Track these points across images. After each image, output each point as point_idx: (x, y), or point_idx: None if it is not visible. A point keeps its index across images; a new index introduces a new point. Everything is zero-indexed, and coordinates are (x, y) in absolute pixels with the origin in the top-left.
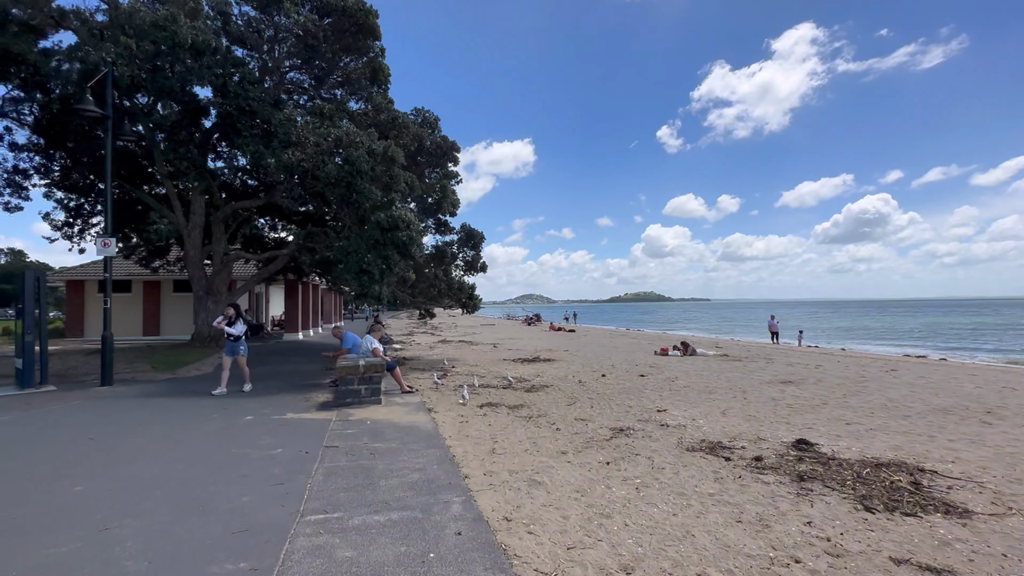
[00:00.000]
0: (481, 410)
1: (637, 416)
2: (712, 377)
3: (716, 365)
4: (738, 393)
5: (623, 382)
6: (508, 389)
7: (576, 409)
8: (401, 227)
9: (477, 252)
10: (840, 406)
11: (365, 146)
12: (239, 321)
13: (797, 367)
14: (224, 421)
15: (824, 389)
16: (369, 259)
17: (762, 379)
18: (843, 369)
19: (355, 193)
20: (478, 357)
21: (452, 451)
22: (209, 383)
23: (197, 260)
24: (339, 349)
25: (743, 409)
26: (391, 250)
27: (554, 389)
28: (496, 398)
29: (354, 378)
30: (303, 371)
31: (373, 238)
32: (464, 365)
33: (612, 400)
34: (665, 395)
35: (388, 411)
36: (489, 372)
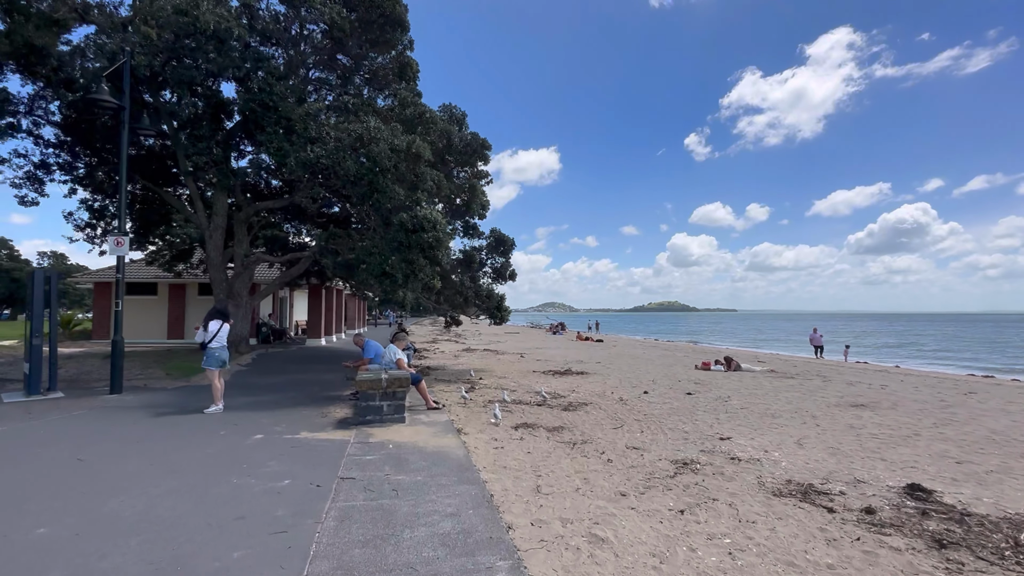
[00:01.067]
0: (516, 432)
1: (698, 445)
2: (769, 397)
3: (768, 383)
4: (807, 418)
5: (669, 401)
6: (543, 407)
7: (625, 434)
8: (427, 228)
9: (507, 259)
10: (937, 438)
11: (387, 141)
12: (216, 324)
13: (860, 387)
14: (230, 440)
15: (905, 415)
16: (392, 262)
17: (827, 401)
18: (913, 391)
19: (377, 192)
20: (506, 368)
21: (489, 487)
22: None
23: (218, 262)
24: (360, 359)
25: (820, 439)
26: (416, 253)
27: (594, 408)
28: (532, 417)
29: (376, 393)
30: (323, 381)
31: (397, 240)
32: (492, 377)
33: (663, 423)
34: (722, 418)
35: (413, 432)
36: (519, 385)
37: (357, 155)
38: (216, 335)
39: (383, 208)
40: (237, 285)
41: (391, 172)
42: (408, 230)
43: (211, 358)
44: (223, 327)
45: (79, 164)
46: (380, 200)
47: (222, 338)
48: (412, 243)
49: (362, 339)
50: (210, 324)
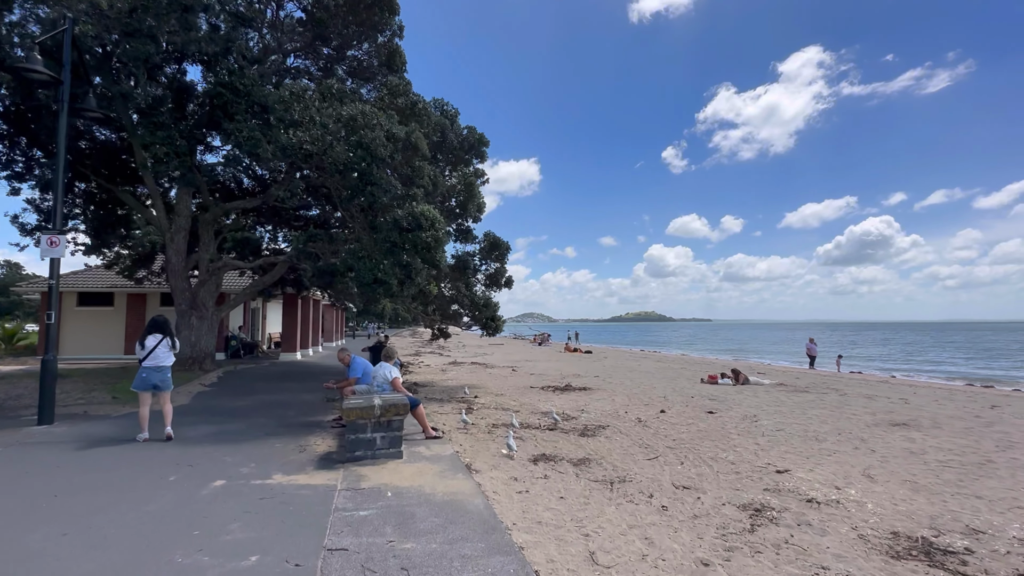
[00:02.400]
0: (537, 467)
1: (754, 480)
2: (797, 415)
3: (785, 398)
4: (855, 441)
5: (692, 421)
6: (556, 431)
7: (663, 467)
8: (424, 227)
9: (502, 264)
10: (1015, 465)
11: (384, 128)
12: (154, 339)
13: (882, 401)
14: (181, 490)
15: (956, 435)
16: (385, 266)
17: (862, 420)
18: (936, 406)
19: (370, 184)
20: (500, 383)
21: (528, 555)
22: (179, 419)
23: (180, 269)
24: (344, 379)
25: (887, 468)
26: (411, 255)
27: (614, 432)
28: (549, 446)
29: (367, 423)
30: (300, 403)
31: (390, 240)
32: (487, 394)
33: (700, 451)
34: (762, 443)
35: (415, 471)
36: (521, 405)
37: (347, 142)
38: (152, 352)
39: (378, 203)
40: (202, 294)
41: (386, 162)
42: (403, 229)
43: (138, 379)
44: (161, 342)
45: (17, 158)
46: (374, 194)
47: (160, 356)
48: (408, 244)
49: (348, 355)
50: (147, 339)
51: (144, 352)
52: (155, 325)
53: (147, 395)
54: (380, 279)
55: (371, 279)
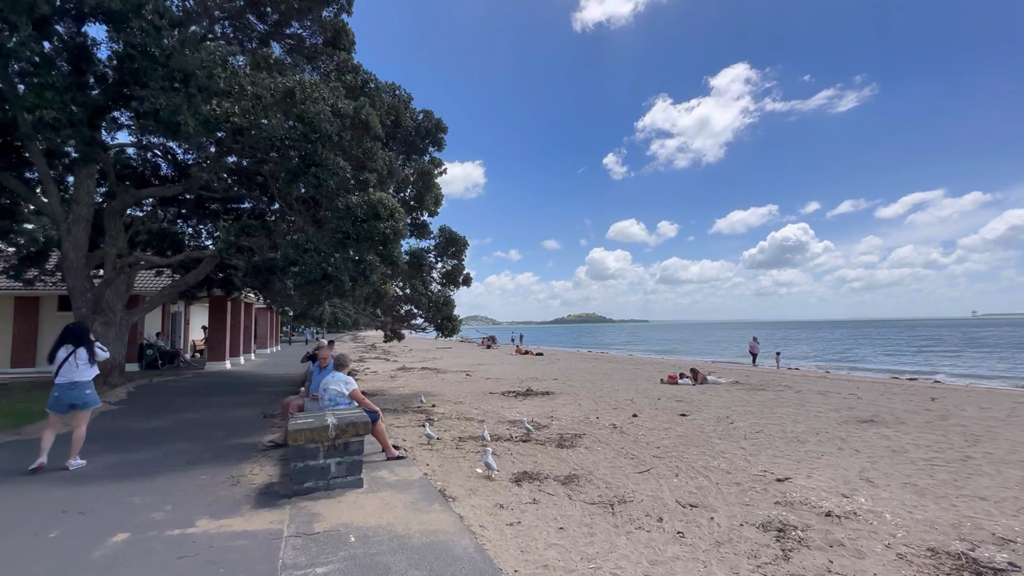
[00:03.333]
0: (522, 489)
1: (759, 492)
2: (766, 415)
3: (748, 397)
4: (836, 441)
5: (670, 426)
6: (530, 442)
7: (658, 481)
8: (383, 216)
9: (459, 261)
10: (991, 461)
11: (328, 102)
12: (64, 351)
13: (837, 397)
14: (65, 550)
15: (921, 430)
16: (336, 260)
17: (831, 418)
18: (887, 400)
19: (314, 165)
20: (456, 390)
21: None
22: (67, 449)
23: (80, 267)
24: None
25: (880, 470)
26: (367, 249)
27: (593, 440)
28: (527, 461)
29: (319, 447)
30: (231, 421)
31: (342, 231)
32: (445, 402)
33: (687, 459)
34: (747, 447)
35: (381, 505)
36: (484, 413)
37: (286, 115)
38: (61, 366)
39: (324, 188)
40: (108, 296)
41: (333, 142)
42: (357, 219)
43: (51, 399)
44: (74, 354)
45: None
46: (319, 177)
47: (72, 370)
48: (363, 235)
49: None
50: (58, 351)
51: (54, 366)
52: (67, 333)
53: (58, 418)
54: (330, 275)
55: (319, 275)
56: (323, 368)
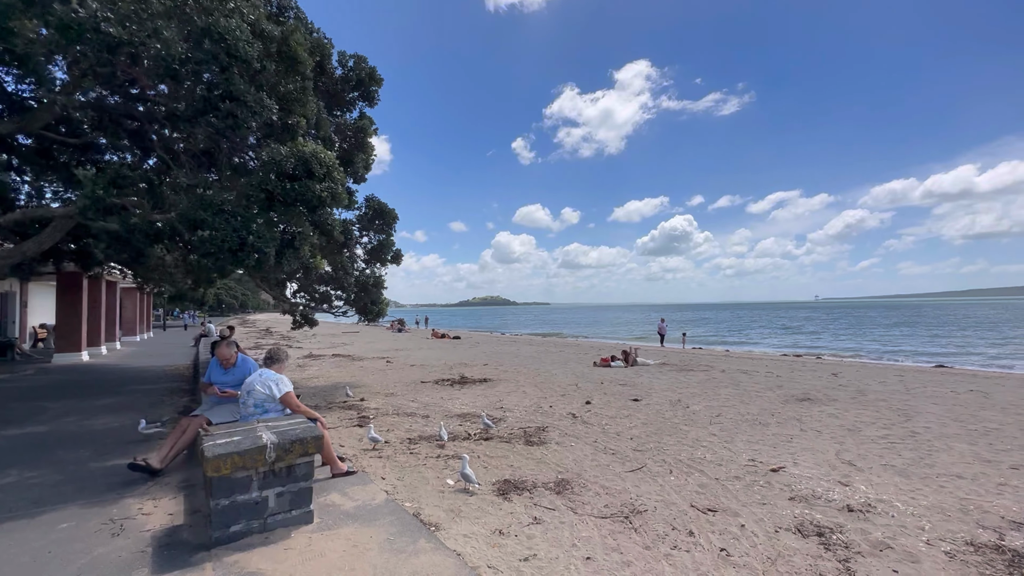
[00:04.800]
0: (513, 504)
1: (763, 486)
2: (713, 397)
3: (684, 378)
4: (792, 423)
5: (629, 413)
6: (494, 441)
7: (655, 480)
8: (318, 174)
9: (388, 236)
10: (940, 436)
11: (248, 20)
12: None
13: (759, 376)
14: None
15: (855, 407)
16: (259, 228)
17: (771, 397)
18: (800, 376)
19: (230, 99)
20: (381, 379)
21: None
22: None
23: None
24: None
25: (855, 452)
26: (297, 215)
27: (560, 434)
28: (502, 465)
29: (251, 476)
30: (98, 433)
31: (266, 189)
32: (374, 394)
33: (670, 451)
34: (716, 432)
35: (346, 548)
36: (426, 407)
37: (185, 34)
38: None
39: (242, 130)
40: None
41: (254, 73)
42: (286, 175)
43: None
44: None
45: None
46: (237, 117)
47: None
48: (293, 197)
49: (234, 352)
50: None
51: None
52: None
53: None
54: (252, 245)
55: (236, 244)
56: (227, 368)
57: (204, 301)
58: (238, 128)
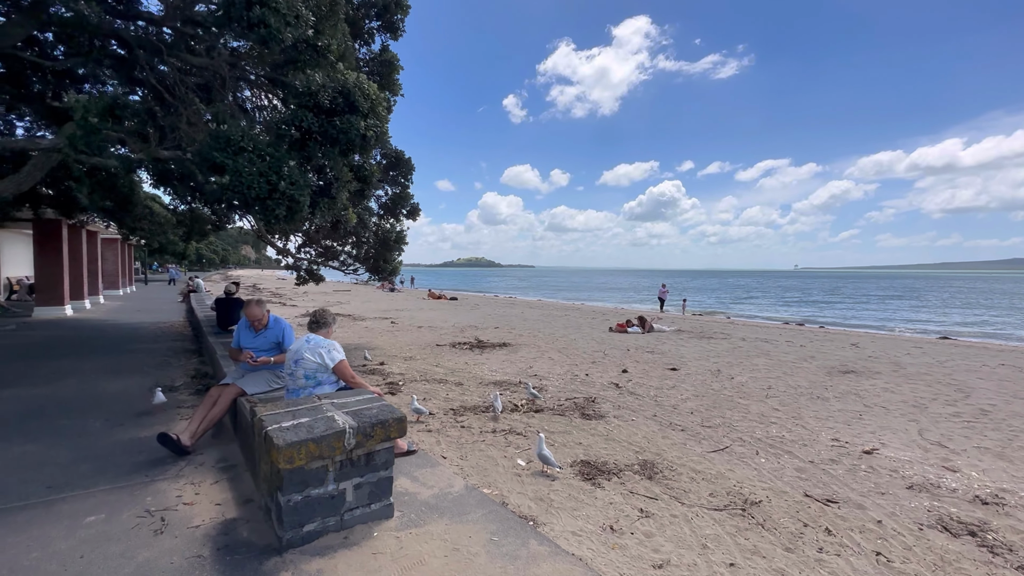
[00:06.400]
0: (604, 490)
1: (867, 471)
2: (750, 368)
3: (709, 346)
4: (852, 397)
5: (673, 383)
6: (545, 413)
7: (748, 463)
8: (361, 107)
9: (405, 188)
10: (1011, 415)
11: None
12: None
13: (781, 344)
14: None
15: (906, 381)
16: (290, 171)
17: (809, 368)
18: (822, 344)
19: (259, 4)
20: (394, 342)
21: None
22: None
23: None
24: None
25: (931, 430)
26: (335, 157)
27: (611, 406)
28: (569, 443)
29: (326, 465)
30: (106, 399)
31: (299, 126)
32: (394, 358)
33: (742, 428)
34: (778, 407)
35: (446, 552)
36: (454, 372)
37: None
38: None
39: (274, 44)
40: None
41: None
42: (323, 109)
43: None
44: None
45: None
46: (268, 24)
47: None
48: (332, 135)
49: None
50: None
51: None
52: None
53: None
54: (283, 192)
55: (263, 191)
56: (258, 331)
57: (186, 255)
58: (269, 41)
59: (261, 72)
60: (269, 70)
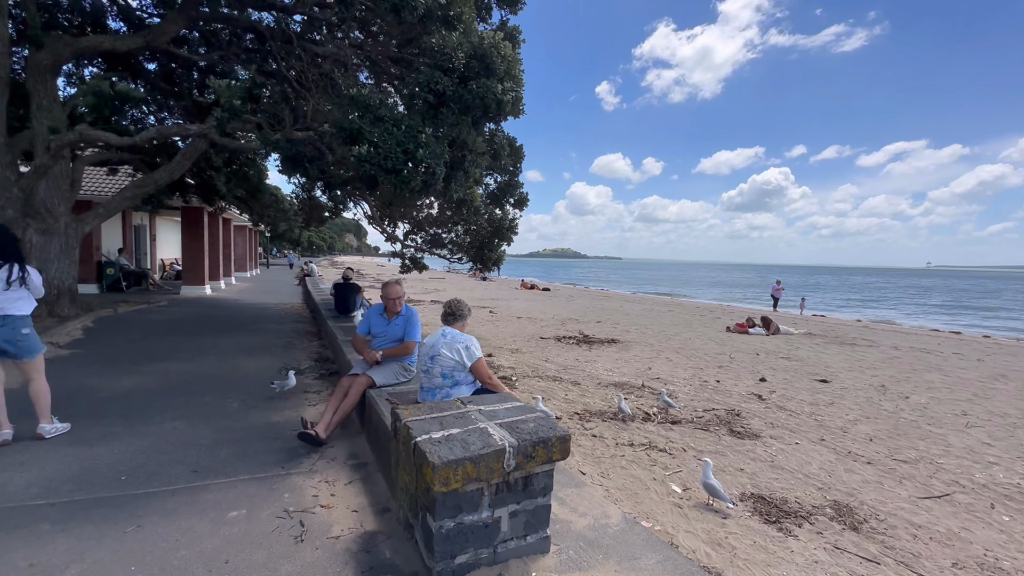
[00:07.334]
0: (796, 539)
1: None
2: (921, 384)
3: (858, 355)
4: None
5: (829, 398)
6: (683, 426)
7: (984, 520)
8: (497, 69)
9: (514, 175)
10: None
11: None
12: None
13: (948, 356)
14: None
15: None
16: (426, 139)
17: (1012, 392)
18: (1012, 361)
19: None
20: (495, 331)
21: None
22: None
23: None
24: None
25: None
26: (467, 126)
27: (762, 422)
28: (729, 467)
29: (482, 491)
30: (240, 377)
31: (433, 89)
32: (501, 351)
33: (946, 466)
34: (986, 439)
35: None
36: (566, 369)
37: None
38: None
39: (407, 13)
40: (43, 192)
41: None
42: (458, 74)
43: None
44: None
45: None
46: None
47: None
48: (468, 100)
49: (402, 292)
50: None
51: None
52: None
53: None
54: (423, 161)
55: (399, 161)
56: (392, 316)
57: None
58: (403, 10)
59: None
60: (396, 48)
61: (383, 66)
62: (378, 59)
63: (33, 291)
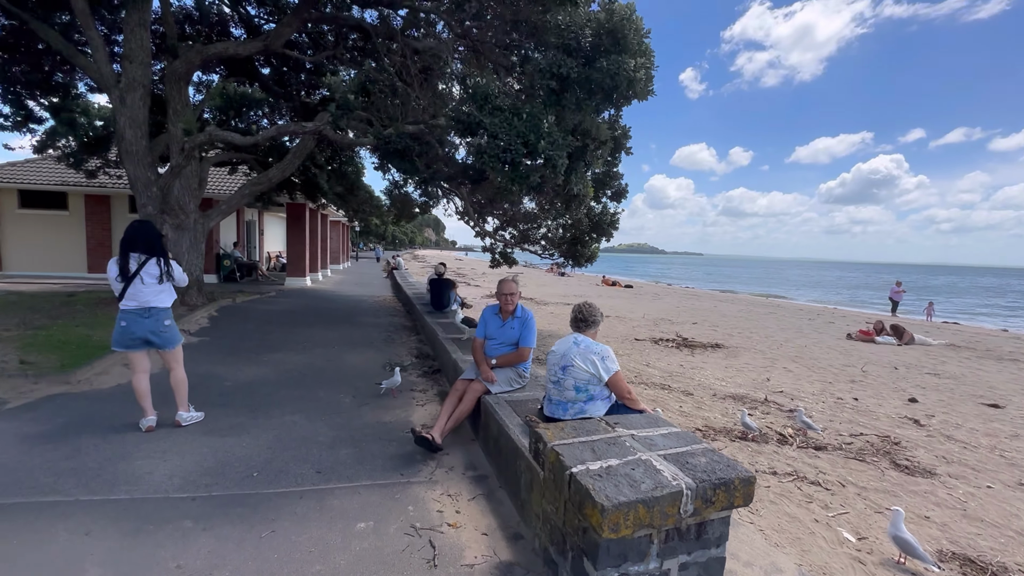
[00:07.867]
0: None
1: None
2: None
3: None
4: None
5: (1010, 428)
6: (830, 453)
7: None
8: (629, 45)
9: (613, 165)
10: None
11: None
12: (135, 259)
13: None
14: None
15: None
16: (548, 127)
17: None
18: None
19: None
20: None
21: None
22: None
23: (141, 149)
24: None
25: None
26: (592, 108)
27: (930, 454)
28: (909, 511)
29: (651, 538)
30: (348, 371)
31: (556, 73)
32: None
33: None
34: None
35: None
36: (672, 376)
37: None
38: (130, 283)
39: None
40: (177, 191)
41: None
42: (584, 53)
43: (116, 331)
44: (147, 266)
45: None
46: None
47: (142, 292)
48: (597, 81)
49: (516, 288)
50: (128, 262)
51: (119, 284)
52: (134, 235)
53: (140, 355)
54: (543, 153)
55: (519, 152)
56: (507, 317)
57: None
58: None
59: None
60: (510, 29)
61: (488, 55)
62: (483, 48)
63: (178, 281)
